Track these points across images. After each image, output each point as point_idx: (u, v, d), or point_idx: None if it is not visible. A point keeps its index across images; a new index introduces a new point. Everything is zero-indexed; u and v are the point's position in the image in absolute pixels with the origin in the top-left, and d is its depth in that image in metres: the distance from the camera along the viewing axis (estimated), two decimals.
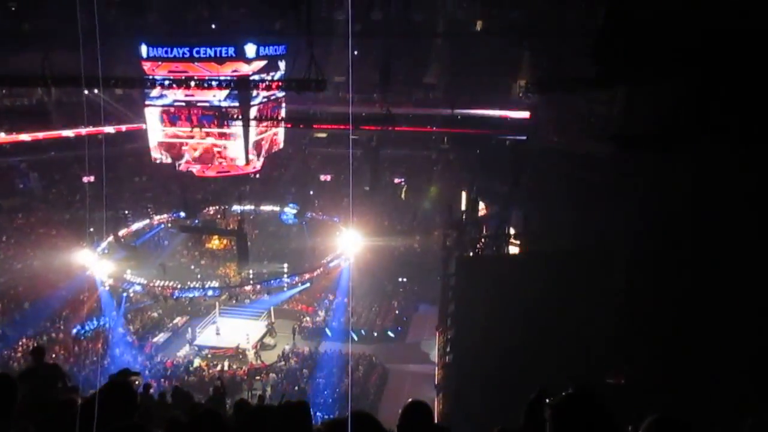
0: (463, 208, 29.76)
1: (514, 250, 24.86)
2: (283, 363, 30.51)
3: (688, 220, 12.39)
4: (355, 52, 36.92)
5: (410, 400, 4.42)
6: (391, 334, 33.32)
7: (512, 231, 25.62)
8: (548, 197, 21.29)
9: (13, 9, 32.06)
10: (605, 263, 16.06)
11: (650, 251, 14.03)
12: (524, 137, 38.30)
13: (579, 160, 22.26)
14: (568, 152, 24.65)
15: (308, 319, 34.40)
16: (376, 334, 33.07)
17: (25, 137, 39.74)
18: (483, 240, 25.20)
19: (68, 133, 39.06)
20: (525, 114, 39.17)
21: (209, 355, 31.53)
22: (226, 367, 30.15)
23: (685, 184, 12.52)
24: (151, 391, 13.42)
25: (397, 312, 34.93)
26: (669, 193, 13.23)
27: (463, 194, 31.04)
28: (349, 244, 32.52)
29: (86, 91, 31.48)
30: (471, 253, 23.92)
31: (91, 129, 36.65)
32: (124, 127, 41.12)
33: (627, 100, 17.12)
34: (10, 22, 31.30)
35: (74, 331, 31.00)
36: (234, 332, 32.89)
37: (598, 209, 17.43)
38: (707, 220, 11.99)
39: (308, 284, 33.06)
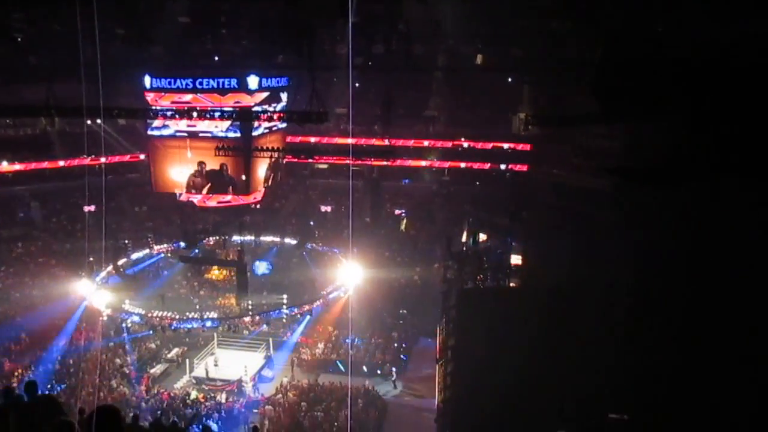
0: (464, 240, 29.72)
1: (514, 283, 24.77)
2: (281, 396, 30.17)
3: (691, 256, 12.34)
4: (357, 85, 37.32)
5: None
6: (390, 367, 32.99)
7: (512, 264, 25.55)
8: (548, 231, 21.27)
9: (19, 40, 32.46)
10: (606, 299, 15.97)
11: (652, 288, 13.95)
12: (524, 169, 38.59)
13: (579, 194, 22.30)
14: (569, 186, 24.71)
15: (307, 351, 34.09)
16: (376, 368, 32.73)
17: (27, 167, 40.11)
18: (483, 273, 25.14)
19: (70, 163, 39.41)
20: (526, 146, 39.52)
21: (207, 388, 31.21)
22: (223, 400, 29.81)
23: (687, 220, 12.50)
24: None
25: (395, 345, 34.62)
26: (671, 229, 13.20)
27: (464, 226, 31.03)
28: (350, 275, 32.40)
29: (89, 122, 31.74)
30: (471, 286, 23.86)
31: (92, 159, 36.85)
32: (126, 158, 41.50)
33: (627, 135, 17.21)
34: (16, 54, 31.64)
35: (71, 360, 30.72)
36: (232, 364, 32.59)
37: (598, 244, 17.40)
38: (711, 257, 11.94)
39: (308, 317, 32.88)
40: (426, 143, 42.37)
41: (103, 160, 36.11)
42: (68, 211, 40.22)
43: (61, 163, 40.03)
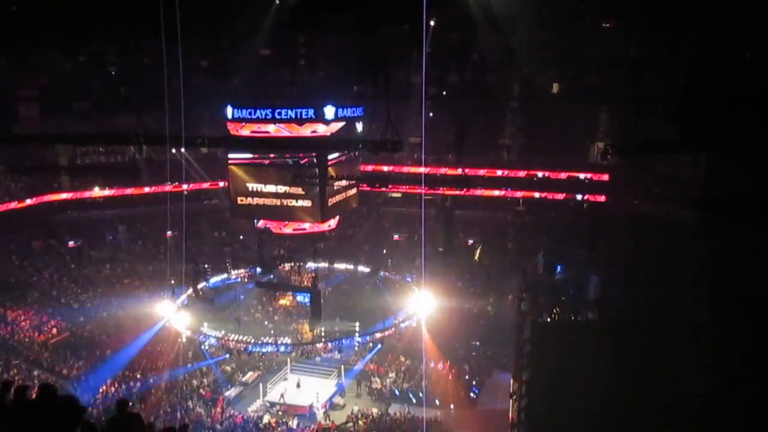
0: (539, 271, 29.16)
1: (591, 316, 24.03)
2: (351, 425, 30.14)
3: None
4: (431, 114, 37.54)
5: None
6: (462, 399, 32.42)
7: (590, 297, 24.81)
8: (627, 262, 20.59)
9: (113, 73, 34.47)
10: (687, 333, 15.26)
11: (735, 322, 13.25)
12: (602, 199, 37.59)
13: (660, 225, 21.55)
14: (648, 216, 23.90)
15: (378, 380, 33.99)
16: (447, 399, 32.22)
17: (116, 192, 42.28)
18: (559, 305, 24.51)
19: (154, 189, 41.22)
20: (603, 176, 38.54)
21: (279, 412, 31.55)
22: (294, 425, 30.03)
23: None
24: None
25: (467, 377, 34.01)
26: (756, 261, 12.55)
27: (539, 257, 30.48)
28: (422, 305, 32.23)
29: (173, 150, 33.12)
30: (547, 319, 23.28)
31: (174, 186, 38.39)
32: (206, 185, 43.05)
33: (710, 165, 16.56)
34: (110, 86, 33.59)
35: (151, 380, 31.74)
36: (304, 390, 32.88)
37: (679, 276, 16.71)
38: None
39: (380, 346, 32.90)
40: (500, 173, 41.96)
41: (185, 186, 37.42)
42: (152, 235, 41.93)
43: (147, 189, 41.96)
